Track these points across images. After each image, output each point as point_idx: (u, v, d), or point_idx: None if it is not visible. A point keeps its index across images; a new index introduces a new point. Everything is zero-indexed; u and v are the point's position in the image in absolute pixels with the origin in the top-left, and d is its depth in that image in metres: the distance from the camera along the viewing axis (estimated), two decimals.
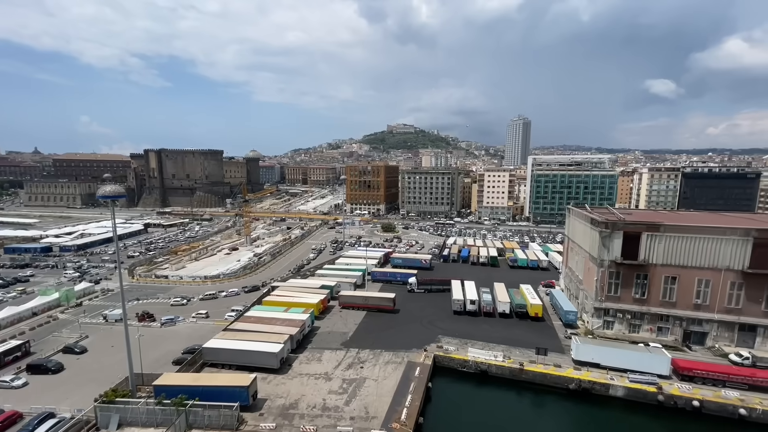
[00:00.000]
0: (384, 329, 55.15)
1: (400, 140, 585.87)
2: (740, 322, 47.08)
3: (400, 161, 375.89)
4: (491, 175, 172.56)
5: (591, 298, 53.25)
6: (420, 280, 72.93)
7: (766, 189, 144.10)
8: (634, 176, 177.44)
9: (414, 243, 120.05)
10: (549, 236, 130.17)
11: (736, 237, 46.24)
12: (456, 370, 46.10)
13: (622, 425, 38.05)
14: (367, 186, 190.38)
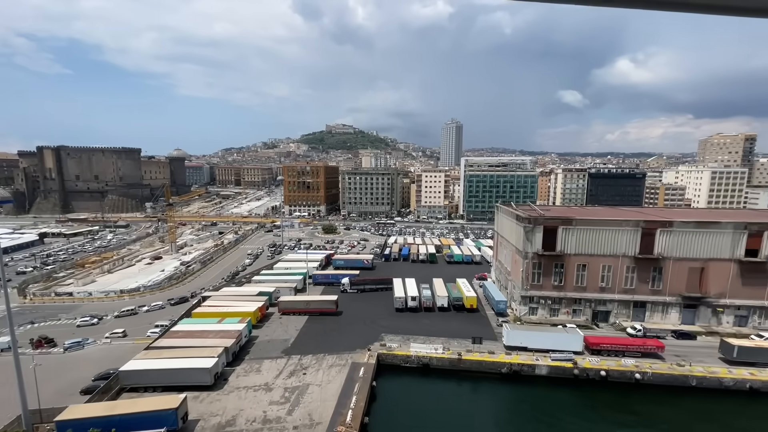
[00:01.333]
0: (327, 332, 54.27)
1: (340, 140, 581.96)
2: (634, 300, 55.37)
3: (340, 162, 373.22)
4: (428, 176, 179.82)
5: (518, 288, 58.30)
6: (353, 281, 72.81)
7: (650, 186, 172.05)
8: (551, 176, 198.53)
9: (356, 243, 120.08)
10: (481, 232, 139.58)
11: (629, 228, 54.29)
12: (399, 366, 47.13)
13: (547, 400, 42.32)
14: (306, 187, 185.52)
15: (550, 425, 38.24)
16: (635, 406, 40.36)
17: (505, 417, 40.95)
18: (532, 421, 39.08)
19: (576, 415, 39.76)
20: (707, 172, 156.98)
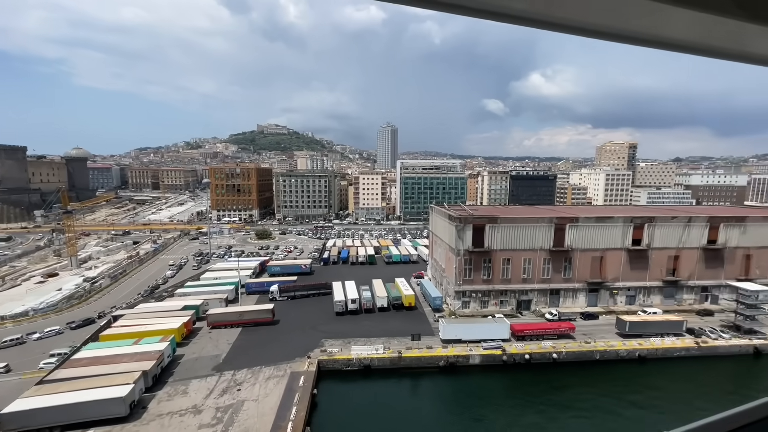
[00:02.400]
0: (263, 344, 51.46)
1: (273, 141, 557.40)
2: (550, 288, 62.12)
3: (274, 163, 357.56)
4: (365, 178, 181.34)
5: (452, 283, 61.62)
6: (282, 288, 69.64)
7: (560, 187, 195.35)
8: (479, 178, 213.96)
9: (293, 248, 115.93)
10: (417, 232, 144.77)
11: (544, 224, 60.85)
12: (341, 370, 46.62)
13: (481, 386, 45.35)
14: (236, 190, 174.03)
15: (482, 408, 41.06)
16: (553, 382, 45.28)
17: (445, 407, 42.89)
18: (469, 407, 41.54)
19: (506, 396, 43.32)
20: (603, 175, 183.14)
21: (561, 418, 39.48)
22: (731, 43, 1.97)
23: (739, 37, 1.89)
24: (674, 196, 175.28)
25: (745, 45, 2.05)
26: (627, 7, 1.53)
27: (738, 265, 63.50)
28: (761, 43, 2.05)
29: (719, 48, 2.01)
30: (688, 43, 1.91)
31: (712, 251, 62.96)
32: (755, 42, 2.01)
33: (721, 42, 1.97)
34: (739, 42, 1.99)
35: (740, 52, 2.07)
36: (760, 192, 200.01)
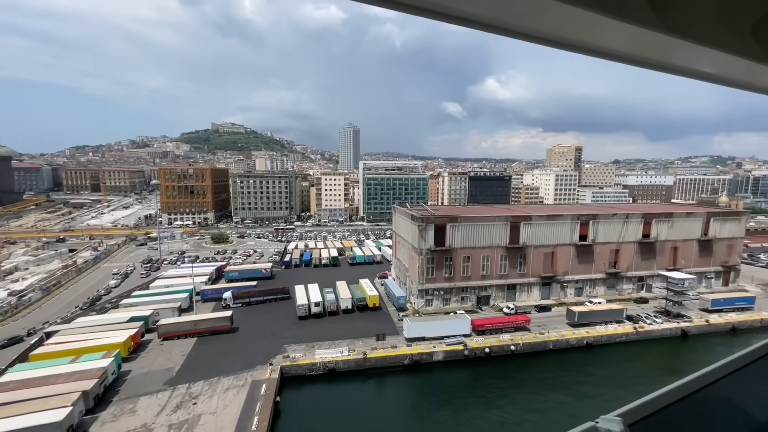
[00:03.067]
0: (221, 353, 48.96)
1: (229, 141, 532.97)
2: (507, 284, 65.17)
3: (230, 164, 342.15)
4: (328, 179, 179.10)
5: (415, 282, 62.62)
6: (236, 294, 66.38)
7: (515, 187, 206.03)
8: (440, 179, 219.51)
9: (252, 252, 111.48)
10: (381, 233, 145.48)
11: (500, 222, 63.74)
12: (305, 375, 45.61)
13: (444, 382, 46.43)
14: (189, 192, 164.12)
15: (446, 402, 42.10)
16: (512, 373, 47.57)
17: (410, 404, 43.46)
18: (434, 402, 42.41)
19: (468, 390, 44.76)
20: (553, 175, 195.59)
21: (521, 405, 41.54)
22: (654, 53, 2.17)
23: (660, 48, 2.10)
24: (614, 194, 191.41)
25: (666, 56, 2.28)
26: (566, 17, 1.61)
27: (667, 257, 70.68)
28: (680, 55, 2.29)
29: (645, 58, 2.22)
30: (618, 52, 2.07)
31: (646, 244, 69.52)
32: (675, 53, 2.23)
33: (646, 52, 2.17)
34: (661, 53, 2.20)
35: (663, 62, 2.29)
36: (683, 191, 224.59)
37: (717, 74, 2.47)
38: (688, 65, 2.34)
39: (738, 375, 1.86)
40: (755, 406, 2.06)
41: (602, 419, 1.53)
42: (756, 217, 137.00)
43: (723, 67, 2.34)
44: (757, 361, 2.01)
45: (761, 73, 2.50)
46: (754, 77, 2.63)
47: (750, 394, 2.04)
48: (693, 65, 2.34)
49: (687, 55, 2.15)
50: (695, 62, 2.29)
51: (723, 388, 1.79)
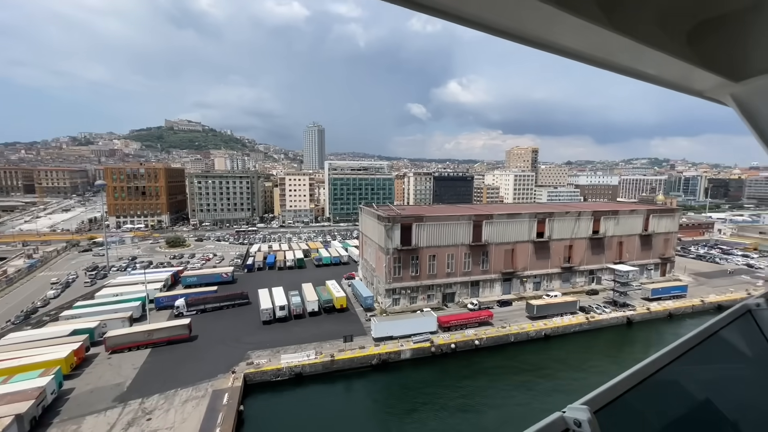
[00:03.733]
0: (179, 363, 46.19)
1: (185, 139, 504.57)
2: (471, 280, 67.24)
3: (187, 163, 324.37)
4: (292, 179, 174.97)
5: (382, 282, 62.83)
6: (189, 301, 62.58)
7: (477, 187, 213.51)
8: (405, 179, 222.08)
9: (212, 256, 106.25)
10: (347, 233, 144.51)
11: (464, 221, 65.64)
12: (270, 382, 44.20)
13: (412, 379, 46.95)
14: (141, 193, 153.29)
15: (414, 398, 42.64)
16: (475, 366, 49.12)
17: (379, 403, 43.46)
18: (402, 399, 42.76)
19: (435, 385, 45.59)
20: (512, 176, 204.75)
21: (486, 396, 42.99)
22: (602, 51, 2.30)
23: (607, 46, 2.22)
24: (567, 194, 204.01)
25: (612, 54, 2.42)
26: (523, 9, 1.67)
27: (614, 251, 76.45)
28: (625, 54, 2.43)
29: (594, 55, 2.34)
30: (569, 48, 2.16)
31: (595, 240, 74.74)
32: (620, 52, 2.37)
33: (594, 49, 2.29)
34: (609, 51, 2.33)
35: (610, 60, 2.42)
36: (627, 190, 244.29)
37: (656, 75, 2.67)
38: (632, 65, 2.49)
39: (684, 358, 2.04)
40: (701, 386, 2.30)
41: (569, 408, 1.58)
42: (687, 214, 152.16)
43: (662, 68, 2.52)
44: (699, 345, 2.20)
45: (694, 76, 2.73)
46: (688, 80, 2.87)
47: (695, 375, 2.25)
48: (636, 65, 2.50)
49: (631, 55, 2.30)
50: (638, 62, 2.45)
51: (673, 372, 1.96)
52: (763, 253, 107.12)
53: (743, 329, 2.66)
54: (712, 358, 2.37)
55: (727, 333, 2.48)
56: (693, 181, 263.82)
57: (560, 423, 1.52)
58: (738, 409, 2.40)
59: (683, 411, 2.20)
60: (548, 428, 1.47)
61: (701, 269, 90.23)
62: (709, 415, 2.24)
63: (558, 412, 1.55)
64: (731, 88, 2.90)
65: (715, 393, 2.36)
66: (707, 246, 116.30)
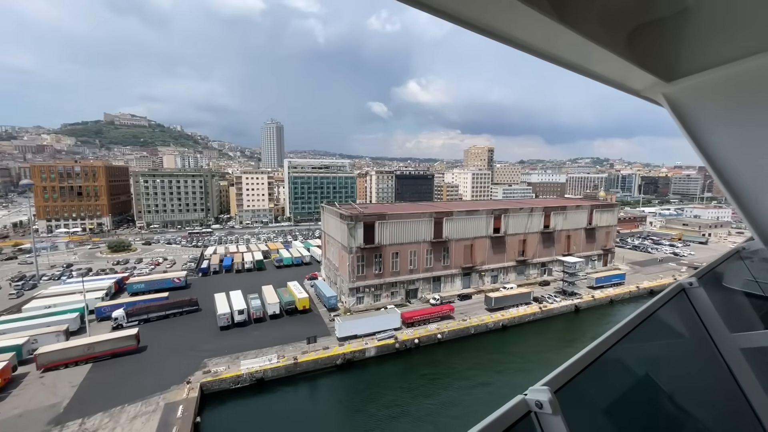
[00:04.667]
0: (125, 378, 42.66)
1: (129, 135, 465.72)
2: (433, 276, 68.83)
3: (131, 161, 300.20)
4: (249, 178, 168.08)
5: (346, 281, 62.40)
6: (131, 311, 57.70)
7: (437, 185, 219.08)
8: (367, 178, 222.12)
9: (161, 260, 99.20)
10: (309, 233, 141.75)
11: (425, 219, 66.97)
12: (229, 390, 42.22)
13: (378, 376, 47.17)
14: (77, 193, 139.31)
15: (380, 394, 42.90)
16: (438, 359, 50.41)
17: (344, 402, 43.13)
18: (368, 397, 42.77)
19: (400, 379, 46.17)
20: (470, 174, 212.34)
21: (449, 387, 44.23)
22: (551, 45, 2.41)
23: (556, 40, 2.34)
24: (521, 191, 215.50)
25: (560, 48, 2.55)
26: None
27: (563, 244, 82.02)
28: (572, 49, 2.57)
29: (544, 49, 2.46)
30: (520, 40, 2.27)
31: (547, 234, 79.69)
32: (568, 47, 2.51)
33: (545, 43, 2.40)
34: (557, 44, 2.45)
35: (559, 55, 2.57)
36: (573, 187, 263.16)
37: (599, 72, 2.86)
38: (578, 60, 2.65)
39: (630, 336, 2.24)
40: (645, 360, 2.61)
41: (530, 390, 1.63)
42: (624, 208, 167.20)
43: (604, 65, 2.71)
44: (643, 323, 2.41)
45: (632, 75, 2.97)
46: (627, 79, 3.12)
47: (640, 350, 2.50)
48: (581, 60, 2.66)
49: (577, 50, 2.44)
50: (583, 58, 2.60)
51: (621, 349, 2.14)
52: (686, 243, 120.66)
53: (679, 306, 2.97)
54: (654, 334, 2.63)
55: (665, 310, 2.74)
56: (629, 178, 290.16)
57: (522, 405, 1.57)
58: (674, 381, 2.71)
59: (631, 384, 2.44)
60: (511, 412, 1.51)
61: (636, 258, 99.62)
62: (651, 385, 2.52)
63: (520, 395, 1.61)
64: (663, 88, 3.20)
65: (656, 366, 2.70)
66: (641, 237, 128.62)
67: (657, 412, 2.51)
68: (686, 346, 3.07)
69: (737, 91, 2.85)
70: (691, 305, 3.01)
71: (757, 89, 2.74)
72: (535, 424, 1.57)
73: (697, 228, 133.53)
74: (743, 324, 3.44)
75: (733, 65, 2.61)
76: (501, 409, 1.50)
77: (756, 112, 2.93)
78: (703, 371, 3.02)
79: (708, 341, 2.91)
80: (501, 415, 1.48)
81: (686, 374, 2.92)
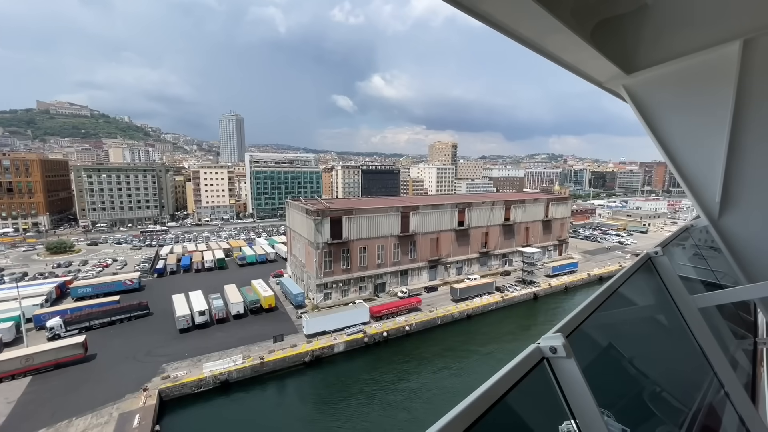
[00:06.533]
0: (72, 389, 39.37)
1: (68, 125, 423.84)
2: (400, 270, 69.71)
3: (71, 154, 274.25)
4: (208, 173, 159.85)
5: (313, 277, 61.53)
6: (69, 318, 52.90)
7: (403, 180, 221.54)
8: (333, 172, 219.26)
9: (110, 261, 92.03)
10: (273, 230, 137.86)
11: (392, 213, 67.50)
12: (192, 394, 40.34)
13: (347, 370, 47.18)
14: (6, 190, 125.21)
15: (351, 387, 43.02)
16: (407, 351, 51.38)
17: (313, 400, 42.76)
18: (337, 392, 42.70)
19: (369, 373, 46.52)
20: (434, 169, 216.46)
21: (419, 375, 45.24)
22: (529, 27, 2.55)
23: (533, 21, 2.48)
24: (483, 186, 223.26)
25: (535, 31, 2.70)
26: None
27: (522, 236, 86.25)
28: (546, 33, 2.74)
29: (522, 33, 2.58)
30: (489, 15, 2.36)
31: (507, 226, 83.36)
32: (542, 29, 2.66)
33: (524, 25, 2.53)
34: (532, 26, 2.59)
35: (533, 39, 2.73)
36: (531, 181, 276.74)
37: (567, 60, 3.07)
38: (549, 46, 2.82)
39: (614, 296, 2.59)
40: (625, 315, 3.12)
41: (543, 339, 1.76)
42: (577, 201, 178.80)
43: (572, 52, 2.92)
44: (622, 286, 2.77)
45: (596, 64, 3.22)
46: (590, 67, 3.39)
47: (623, 306, 2.95)
48: (552, 46, 2.84)
49: (550, 34, 2.59)
50: (554, 42, 2.78)
51: (608, 304, 2.48)
52: (630, 232, 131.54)
53: (646, 273, 3.47)
54: (630, 295, 3.11)
55: (636, 277, 3.18)
56: (580, 173, 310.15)
57: (536, 353, 1.70)
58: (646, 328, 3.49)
59: (622, 331, 3.06)
60: (528, 359, 1.64)
61: (587, 248, 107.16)
62: (633, 335, 3.22)
63: (533, 344, 1.73)
64: (624, 80, 3.50)
65: (633, 320, 3.35)
66: (591, 228, 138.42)
67: (641, 354, 3.13)
68: (653, 303, 3.66)
69: (688, 83, 3.20)
70: (656, 271, 3.52)
71: (705, 82, 3.08)
72: (547, 369, 1.72)
73: (639, 219, 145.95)
74: (696, 286, 4.15)
75: (684, 59, 2.92)
76: (516, 359, 1.61)
77: (703, 103, 3.29)
78: (670, 321, 3.63)
79: (670, 301, 3.49)
80: (517, 363, 1.58)
81: (655, 324, 3.63)
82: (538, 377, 1.67)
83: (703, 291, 4.02)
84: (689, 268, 4.41)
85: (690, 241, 4.60)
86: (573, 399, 1.72)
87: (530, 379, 1.59)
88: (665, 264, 3.50)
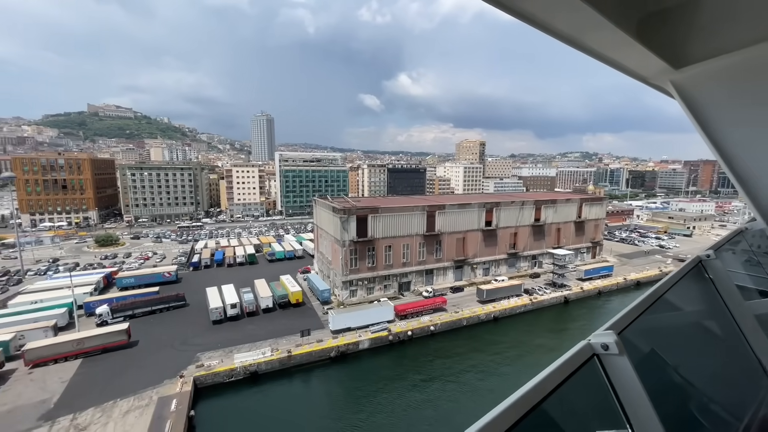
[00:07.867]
0: (117, 372, 42.33)
1: (114, 126, 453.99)
2: (425, 269, 69.35)
3: (117, 153, 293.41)
4: (240, 171, 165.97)
5: (339, 275, 62.49)
6: (116, 306, 56.94)
7: (429, 179, 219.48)
8: (359, 171, 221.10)
9: (151, 254, 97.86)
10: (301, 227, 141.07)
11: (418, 212, 67.23)
12: (223, 383, 42.25)
13: (371, 368, 47.64)
14: (61, 187, 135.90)
15: (374, 387, 43.37)
16: (432, 351, 51.11)
17: (339, 395, 43.54)
18: (361, 389, 43.23)
19: (394, 370, 46.76)
20: (461, 168, 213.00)
21: (441, 378, 44.94)
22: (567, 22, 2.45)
23: (572, 16, 2.37)
24: (512, 185, 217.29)
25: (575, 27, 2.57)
26: None
27: (553, 237, 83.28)
28: (586, 29, 2.62)
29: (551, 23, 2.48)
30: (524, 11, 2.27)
31: (537, 227, 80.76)
32: (583, 24, 2.54)
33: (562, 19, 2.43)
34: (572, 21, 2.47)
35: (571, 34, 2.60)
36: (563, 181, 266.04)
37: (610, 55, 2.91)
38: (592, 42, 2.68)
39: (664, 298, 2.58)
40: (675, 319, 3.11)
41: (594, 335, 1.75)
42: (612, 202, 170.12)
43: (616, 47, 2.75)
44: (670, 290, 2.72)
45: (641, 60, 3.02)
46: (636, 64, 3.17)
47: (672, 310, 2.93)
48: (595, 43, 2.69)
49: (592, 30, 2.46)
50: (597, 38, 2.64)
51: (660, 306, 2.48)
52: (671, 235, 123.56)
53: (696, 276, 3.38)
54: (677, 302, 3.06)
55: (686, 279, 3.12)
56: (617, 172, 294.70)
57: (587, 349, 1.68)
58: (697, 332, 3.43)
59: (673, 331, 3.04)
60: (578, 355, 1.62)
61: (623, 251, 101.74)
62: (684, 336, 3.18)
63: (583, 340, 1.72)
64: (672, 75, 3.27)
65: (684, 325, 3.32)
66: (628, 230, 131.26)
67: (692, 359, 3.10)
68: (705, 308, 3.54)
69: (744, 77, 2.95)
70: (707, 275, 3.40)
71: (764, 76, 2.84)
72: (598, 366, 1.70)
73: (682, 221, 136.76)
74: (751, 293, 3.99)
75: (741, 52, 2.70)
76: (566, 354, 1.59)
77: (762, 99, 3.03)
78: (723, 327, 3.51)
79: (722, 306, 3.39)
80: (567, 359, 1.56)
81: (707, 329, 3.56)
82: (588, 374, 1.64)
83: (758, 298, 3.82)
84: (743, 273, 4.21)
85: (743, 245, 4.37)
86: (626, 397, 1.69)
87: (580, 376, 1.56)
88: (718, 267, 3.35)
